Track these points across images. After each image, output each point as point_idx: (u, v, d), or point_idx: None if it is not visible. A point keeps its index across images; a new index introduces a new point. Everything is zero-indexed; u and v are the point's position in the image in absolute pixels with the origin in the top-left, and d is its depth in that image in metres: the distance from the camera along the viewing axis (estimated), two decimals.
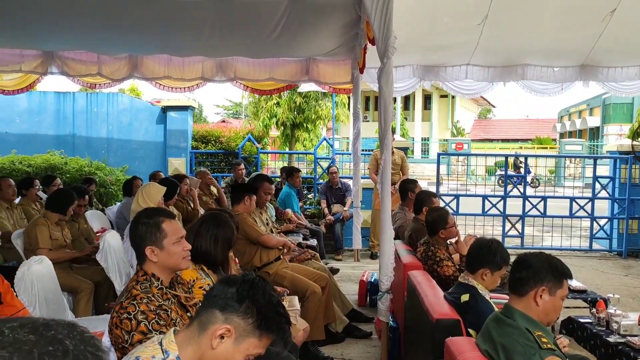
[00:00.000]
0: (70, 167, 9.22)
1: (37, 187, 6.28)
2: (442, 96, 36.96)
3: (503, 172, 10.37)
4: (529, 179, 17.47)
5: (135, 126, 10.53)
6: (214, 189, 7.41)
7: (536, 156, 21.78)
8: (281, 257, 4.66)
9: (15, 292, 2.74)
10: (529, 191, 10.70)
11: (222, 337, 1.55)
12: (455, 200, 9.00)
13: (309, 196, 9.56)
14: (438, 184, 9.14)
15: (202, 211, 6.37)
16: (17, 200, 6.00)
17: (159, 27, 6.02)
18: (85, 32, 6.25)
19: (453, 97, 33.97)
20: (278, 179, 8.17)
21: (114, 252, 4.43)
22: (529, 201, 9.02)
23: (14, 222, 5.56)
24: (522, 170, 15.08)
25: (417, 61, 7.12)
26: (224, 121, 30.86)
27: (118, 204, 7.25)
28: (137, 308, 2.09)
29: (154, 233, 2.24)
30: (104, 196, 8.97)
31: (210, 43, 6.52)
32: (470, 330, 2.70)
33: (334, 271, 6.24)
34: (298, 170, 8.08)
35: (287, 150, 12.98)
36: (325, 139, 11.38)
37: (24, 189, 6.11)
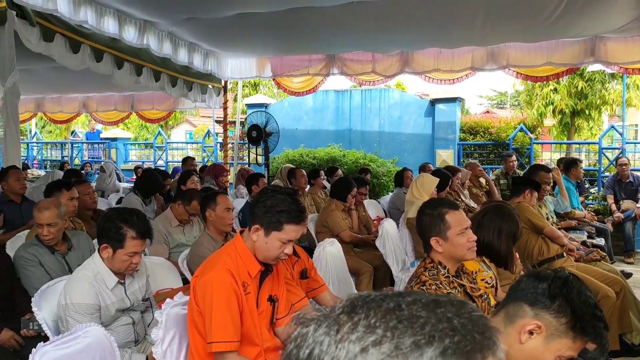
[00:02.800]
0: (348, 159, 10.06)
1: (322, 177, 7.00)
2: None
3: None
4: None
5: (404, 119, 10.91)
6: (483, 181, 7.22)
7: None
8: (564, 254, 4.29)
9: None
10: None
11: (531, 332, 1.47)
12: None
13: (592, 190, 8.58)
14: None
15: (471, 204, 6.27)
16: (307, 189, 6.80)
17: (431, 22, 6.11)
18: (365, 34, 6.71)
19: None
20: None
21: (391, 239, 4.66)
22: None
23: (305, 208, 6.30)
24: None
25: None
26: (487, 112, 29.85)
27: (390, 194, 7.62)
28: None
29: (438, 224, 2.26)
30: (377, 187, 9.54)
31: (482, 32, 6.35)
32: None
33: (627, 275, 5.46)
34: (579, 162, 7.31)
35: (564, 140, 11.89)
36: (613, 127, 10.06)
37: (312, 179, 6.88)
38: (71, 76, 7.98)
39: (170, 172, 9.23)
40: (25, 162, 13.40)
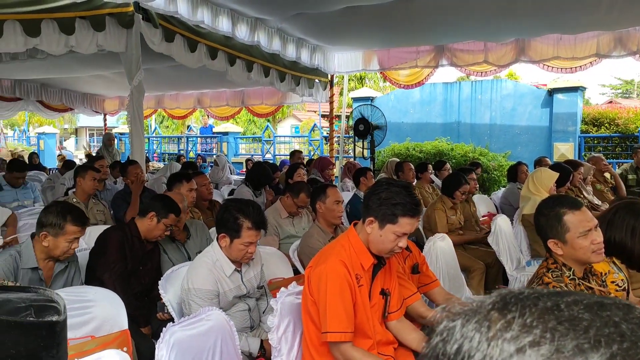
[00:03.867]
0: (456, 152, 9.76)
1: (430, 171, 6.84)
2: None
3: None
4: None
5: (518, 111, 10.36)
6: (608, 176, 6.66)
7: None
8: None
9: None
10: None
11: None
12: None
13: None
14: None
15: (595, 200, 5.82)
16: (414, 183, 6.67)
17: (551, 6, 5.73)
18: (477, 22, 6.45)
19: None
20: None
21: (505, 236, 4.44)
22: None
23: (420, 201, 6.17)
24: None
25: None
26: (611, 102, 27.58)
27: (502, 189, 7.28)
28: None
29: (555, 226, 2.08)
30: (487, 181, 9.16)
31: (609, 15, 5.84)
32: None
33: None
34: None
35: None
36: None
37: (419, 173, 6.74)
38: (188, 74, 8.46)
39: (277, 165, 9.50)
40: (147, 155, 14.44)
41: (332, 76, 9.39)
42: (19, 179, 5.88)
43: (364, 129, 7.91)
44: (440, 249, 3.62)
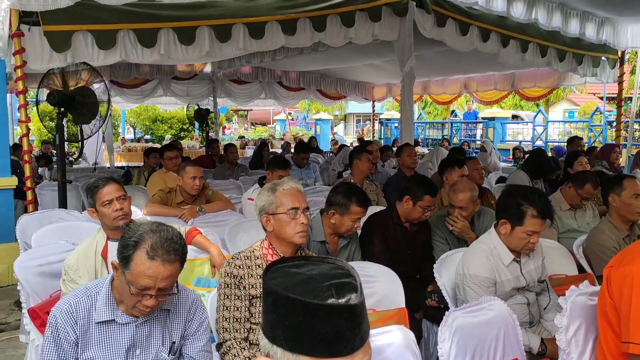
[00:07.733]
0: None
1: None
2: None
3: None
4: None
5: None
6: None
7: None
8: None
9: None
10: None
11: None
12: None
13: None
14: None
15: None
16: None
17: None
18: None
19: None
20: None
21: None
22: None
23: None
24: None
25: None
26: None
27: None
28: None
29: None
30: None
31: None
32: None
33: None
34: None
35: None
36: None
37: None
38: (455, 58, 8.35)
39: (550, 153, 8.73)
40: (417, 139, 14.79)
41: (622, 52, 8.19)
42: (303, 159, 6.61)
43: None
44: None
